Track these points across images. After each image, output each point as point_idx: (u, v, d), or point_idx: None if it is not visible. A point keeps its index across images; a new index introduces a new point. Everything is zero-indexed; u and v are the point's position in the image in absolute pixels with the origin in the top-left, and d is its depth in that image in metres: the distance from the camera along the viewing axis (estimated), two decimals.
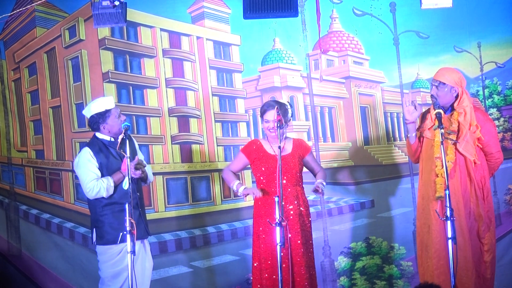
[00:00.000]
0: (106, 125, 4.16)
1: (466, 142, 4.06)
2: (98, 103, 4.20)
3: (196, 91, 5.57)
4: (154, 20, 5.51)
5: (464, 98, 4.11)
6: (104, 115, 4.15)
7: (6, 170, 5.70)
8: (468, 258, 4.06)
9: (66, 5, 5.57)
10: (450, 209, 3.67)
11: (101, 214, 4.12)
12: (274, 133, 4.20)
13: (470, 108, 4.09)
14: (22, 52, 5.74)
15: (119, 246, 4.05)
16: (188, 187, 5.51)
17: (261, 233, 4.23)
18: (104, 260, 4.16)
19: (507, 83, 5.52)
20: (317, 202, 5.47)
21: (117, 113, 4.20)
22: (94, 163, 4.10)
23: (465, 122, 4.07)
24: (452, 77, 4.12)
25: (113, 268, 4.12)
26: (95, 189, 4.04)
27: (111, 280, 4.14)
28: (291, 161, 4.29)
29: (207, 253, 5.41)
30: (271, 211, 4.04)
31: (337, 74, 5.66)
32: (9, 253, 5.55)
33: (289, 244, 4.11)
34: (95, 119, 4.16)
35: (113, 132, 4.18)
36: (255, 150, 4.33)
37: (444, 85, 4.12)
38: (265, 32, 5.51)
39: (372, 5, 5.51)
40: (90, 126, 4.24)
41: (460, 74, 4.19)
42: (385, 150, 5.63)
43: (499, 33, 5.43)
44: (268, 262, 4.17)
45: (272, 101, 4.33)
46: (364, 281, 5.42)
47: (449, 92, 4.12)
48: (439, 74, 4.19)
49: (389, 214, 5.48)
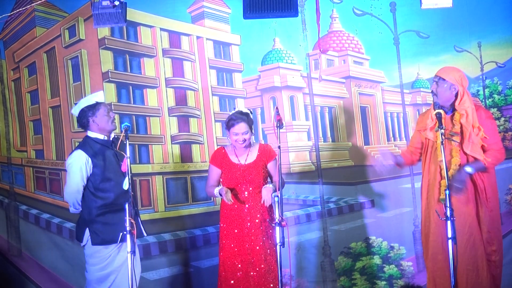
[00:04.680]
0: (95, 119, 4.12)
1: (473, 144, 4.04)
2: (88, 97, 4.22)
3: (196, 91, 5.57)
4: (154, 20, 5.51)
5: (466, 99, 4.10)
6: (94, 107, 4.13)
7: (5, 170, 5.70)
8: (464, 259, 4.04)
9: (66, 5, 5.58)
10: (450, 209, 3.67)
11: (96, 214, 4.09)
12: (243, 145, 4.28)
13: (472, 109, 4.08)
14: (21, 52, 5.73)
15: (109, 248, 4.04)
16: (188, 187, 5.51)
17: (224, 239, 4.32)
18: (93, 262, 4.12)
19: (507, 82, 5.52)
20: (317, 202, 5.47)
21: (106, 108, 4.18)
22: (85, 172, 4.07)
23: (467, 124, 4.05)
24: (452, 75, 4.12)
25: (101, 271, 4.09)
26: (70, 202, 4.18)
27: (97, 283, 4.11)
28: (255, 170, 4.32)
29: (207, 253, 5.40)
30: (235, 218, 4.27)
31: (337, 74, 5.66)
32: (9, 253, 5.55)
33: (249, 251, 4.24)
34: (85, 112, 4.13)
35: (103, 128, 4.15)
36: (221, 158, 4.36)
37: (444, 81, 4.12)
38: (265, 32, 5.50)
39: (372, 5, 5.50)
40: (79, 122, 4.21)
41: (461, 73, 4.18)
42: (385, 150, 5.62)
43: (499, 33, 5.43)
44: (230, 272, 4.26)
45: (238, 113, 4.29)
46: (364, 281, 5.42)
47: (448, 89, 4.11)
48: (440, 71, 4.21)
49: (389, 214, 5.48)
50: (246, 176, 4.29)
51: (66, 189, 4.18)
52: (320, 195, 5.48)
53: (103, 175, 4.09)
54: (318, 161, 5.49)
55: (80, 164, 4.07)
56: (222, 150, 4.42)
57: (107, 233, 4.05)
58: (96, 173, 4.09)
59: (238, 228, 4.28)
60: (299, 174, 5.52)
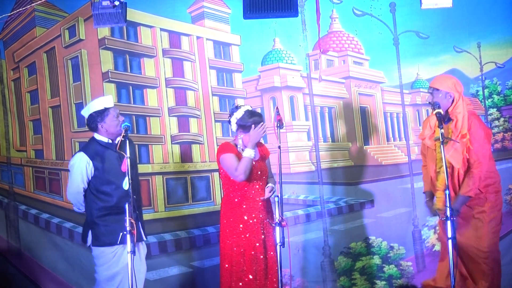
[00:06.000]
0: (104, 124, 4.13)
1: (454, 150, 4.05)
2: (97, 101, 4.19)
3: (196, 91, 5.57)
4: (154, 20, 5.51)
5: (459, 105, 4.12)
6: (103, 113, 4.13)
7: (5, 170, 5.69)
8: None
9: (66, 5, 5.57)
10: (450, 209, 3.68)
11: (97, 216, 4.09)
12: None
13: (462, 115, 4.09)
14: (21, 52, 5.73)
15: (113, 248, 4.04)
16: (188, 187, 5.51)
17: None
18: (100, 263, 4.14)
19: (507, 83, 5.53)
20: (317, 202, 5.47)
21: (115, 113, 4.17)
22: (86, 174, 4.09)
23: (455, 129, 4.09)
24: (446, 83, 4.17)
25: (108, 271, 4.10)
26: (72, 202, 4.25)
27: (106, 282, 4.11)
28: (262, 166, 4.32)
29: (207, 253, 5.40)
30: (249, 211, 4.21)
31: (337, 74, 5.66)
32: (8, 253, 5.55)
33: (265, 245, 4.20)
34: (94, 117, 4.14)
35: (111, 133, 4.15)
36: (236, 150, 4.27)
37: (438, 91, 4.17)
38: (265, 32, 5.50)
39: (372, 5, 5.51)
40: (88, 125, 4.22)
41: (454, 80, 4.22)
42: (385, 150, 5.63)
43: (499, 33, 5.43)
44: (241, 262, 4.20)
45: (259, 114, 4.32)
46: (364, 281, 5.43)
47: (444, 97, 4.16)
48: (433, 81, 4.28)
49: (389, 214, 5.48)
50: (256, 172, 4.24)
51: (68, 189, 4.23)
52: (320, 195, 5.48)
53: (105, 178, 4.09)
54: (318, 161, 5.50)
55: (81, 166, 4.09)
56: (231, 144, 4.32)
57: (107, 235, 4.05)
58: (98, 175, 4.09)
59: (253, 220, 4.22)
60: (299, 174, 5.52)
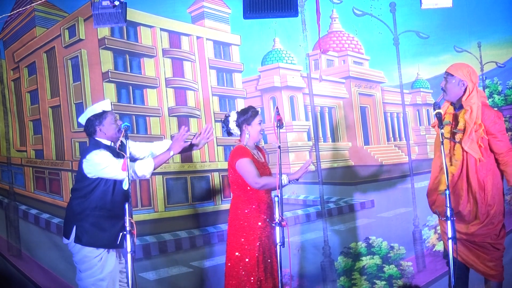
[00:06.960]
0: (102, 127, 4.11)
1: (471, 141, 4.04)
2: (95, 106, 4.19)
3: (196, 91, 5.56)
4: (154, 20, 5.51)
5: (473, 95, 4.09)
6: (101, 116, 4.12)
7: (5, 170, 5.69)
8: None
9: (66, 5, 5.57)
10: (450, 208, 3.68)
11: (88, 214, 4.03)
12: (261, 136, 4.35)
13: (477, 106, 4.07)
14: (21, 52, 5.73)
15: (98, 251, 4.00)
16: (188, 187, 5.51)
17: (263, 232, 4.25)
18: (83, 268, 4.05)
19: (507, 83, 5.52)
20: (317, 202, 5.47)
21: (113, 116, 4.17)
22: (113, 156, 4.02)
23: (470, 120, 4.05)
24: (461, 70, 4.14)
25: (91, 278, 4.02)
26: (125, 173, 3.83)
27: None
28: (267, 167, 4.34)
29: (207, 253, 5.40)
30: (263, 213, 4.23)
31: (337, 74, 5.66)
32: (9, 253, 5.55)
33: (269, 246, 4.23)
34: (92, 121, 4.12)
35: (110, 136, 4.13)
36: (250, 153, 4.26)
37: (452, 76, 4.14)
38: (265, 32, 5.50)
39: (372, 5, 5.51)
40: (86, 130, 4.18)
41: (470, 69, 4.18)
42: (385, 150, 5.63)
43: (499, 33, 5.43)
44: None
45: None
46: (364, 281, 5.42)
47: (457, 85, 4.13)
48: (450, 67, 4.23)
49: (389, 214, 5.48)
50: (265, 173, 4.25)
51: (115, 171, 3.95)
52: (320, 195, 5.48)
53: (106, 180, 4.07)
54: (318, 161, 5.50)
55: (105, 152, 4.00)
56: (246, 148, 4.28)
57: (93, 235, 3.99)
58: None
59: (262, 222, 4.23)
60: None
